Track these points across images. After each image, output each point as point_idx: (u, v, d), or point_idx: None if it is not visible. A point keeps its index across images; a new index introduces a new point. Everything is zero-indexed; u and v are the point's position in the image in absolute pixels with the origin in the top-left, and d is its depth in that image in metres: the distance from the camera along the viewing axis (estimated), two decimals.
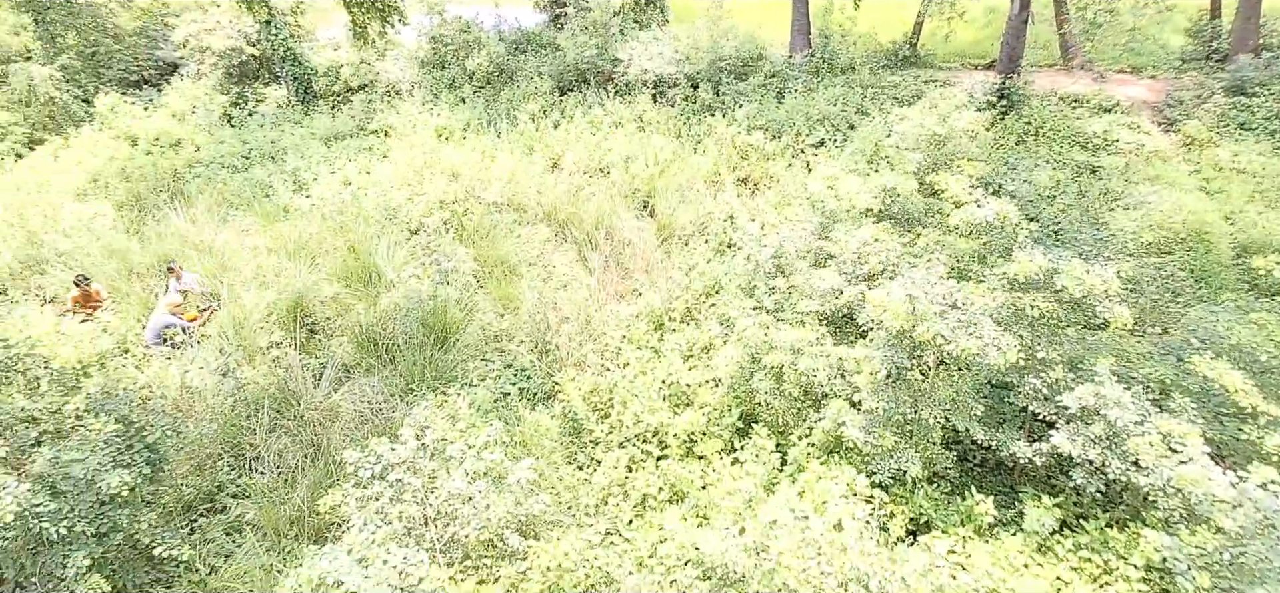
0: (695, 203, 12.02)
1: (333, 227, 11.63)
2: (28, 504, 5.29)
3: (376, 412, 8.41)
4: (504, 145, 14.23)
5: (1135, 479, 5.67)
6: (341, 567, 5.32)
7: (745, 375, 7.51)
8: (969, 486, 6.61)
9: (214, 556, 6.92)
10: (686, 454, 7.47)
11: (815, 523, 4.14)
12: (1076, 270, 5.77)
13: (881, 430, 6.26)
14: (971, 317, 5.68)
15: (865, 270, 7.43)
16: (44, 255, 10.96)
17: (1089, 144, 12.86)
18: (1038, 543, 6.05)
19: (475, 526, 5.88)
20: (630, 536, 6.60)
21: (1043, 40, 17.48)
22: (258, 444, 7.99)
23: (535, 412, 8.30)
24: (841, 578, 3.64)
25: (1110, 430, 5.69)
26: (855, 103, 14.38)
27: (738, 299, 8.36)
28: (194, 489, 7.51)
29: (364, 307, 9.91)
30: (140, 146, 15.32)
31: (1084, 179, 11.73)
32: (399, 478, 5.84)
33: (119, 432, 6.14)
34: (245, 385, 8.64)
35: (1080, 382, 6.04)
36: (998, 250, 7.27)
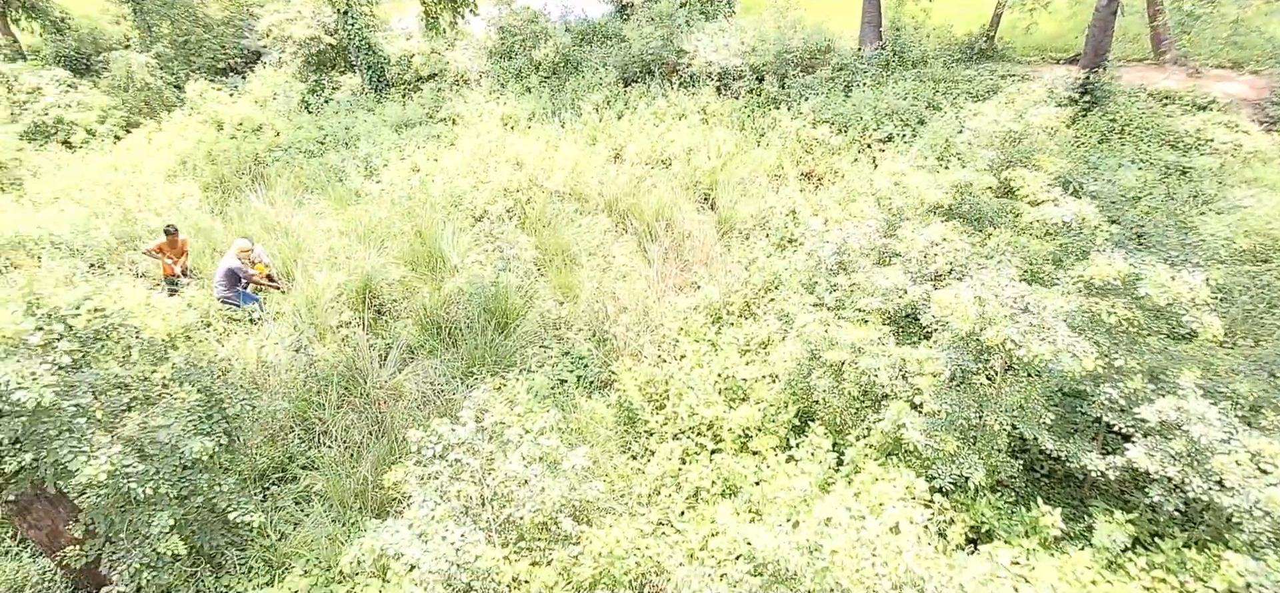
0: (757, 197, 11.90)
1: (401, 211, 11.98)
2: (119, 465, 5.66)
3: (438, 393, 8.65)
4: (568, 135, 14.37)
5: (1218, 500, 5.35)
6: (402, 540, 5.52)
7: (804, 372, 7.41)
8: (1035, 496, 6.36)
9: (284, 523, 7.26)
10: (741, 449, 7.42)
11: (871, 524, 4.06)
12: (1161, 276, 5.46)
13: (943, 434, 6.08)
14: (1044, 320, 5.44)
15: (932, 270, 7.22)
16: (137, 232, 11.67)
17: (1180, 144, 12.12)
18: (1108, 560, 5.78)
19: (530, 508, 6.00)
20: (682, 527, 6.61)
21: (1132, 33, 16.57)
22: (326, 419, 8.33)
23: (591, 400, 8.39)
24: (896, 581, 3.55)
25: (1192, 447, 5.38)
26: (926, 97, 13.93)
27: (798, 295, 8.24)
28: (267, 459, 7.89)
29: (429, 290, 10.19)
30: (225, 131, 16.13)
31: (1173, 181, 11.07)
32: (458, 458, 5.99)
33: (201, 401, 6.50)
34: (316, 362, 9.01)
35: (1161, 394, 5.73)
36: (1074, 253, 6.95)
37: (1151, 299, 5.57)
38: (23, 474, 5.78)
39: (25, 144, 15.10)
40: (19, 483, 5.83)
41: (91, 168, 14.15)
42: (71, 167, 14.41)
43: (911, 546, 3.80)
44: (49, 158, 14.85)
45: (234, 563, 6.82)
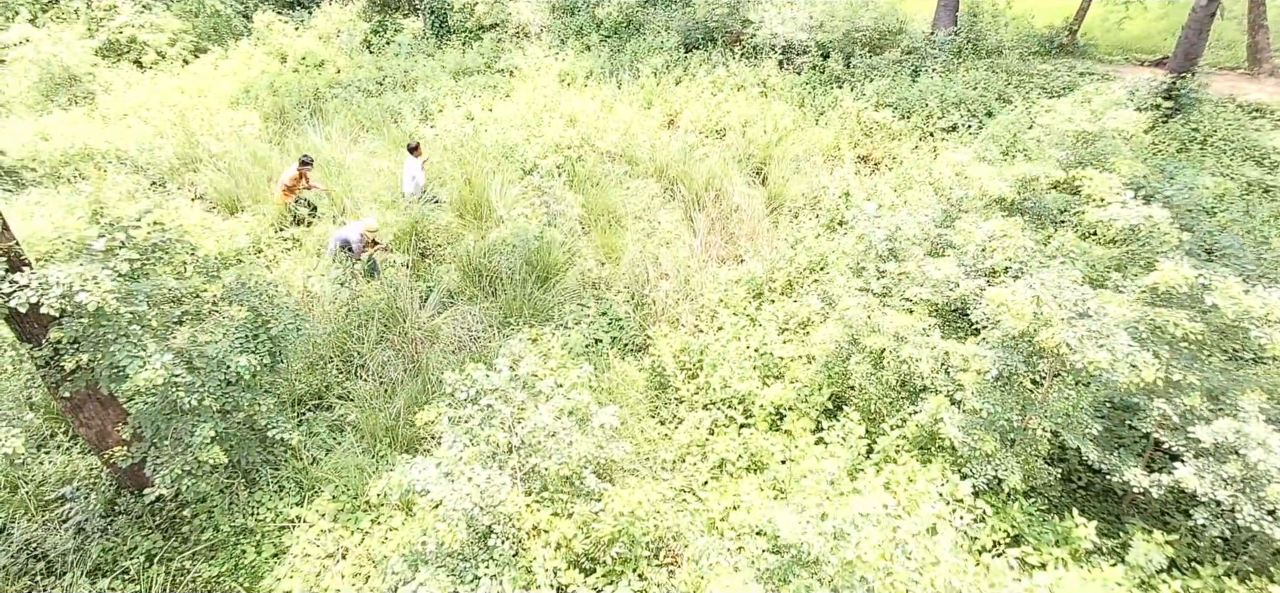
0: (810, 176, 11.64)
1: (453, 158, 12.07)
2: (170, 374, 5.86)
3: (474, 339, 8.75)
4: (624, 97, 14.25)
5: (1270, 531, 5.10)
6: (429, 477, 5.62)
7: (842, 355, 7.26)
8: (1069, 507, 6.16)
9: (317, 448, 7.47)
10: (771, 427, 7.35)
11: (906, 524, 3.96)
12: (1233, 289, 5.16)
13: (982, 434, 5.91)
14: (1105, 327, 5.20)
15: (987, 265, 6.97)
16: (198, 155, 12.00)
17: (1266, 160, 11.43)
18: (1141, 579, 5.58)
19: (557, 460, 6.04)
20: (704, 496, 6.60)
21: (1228, 39, 15.62)
22: (364, 353, 8.51)
23: (624, 362, 8.39)
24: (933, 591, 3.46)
25: (1248, 472, 5.12)
26: (997, 89, 13.38)
27: (844, 277, 8.05)
28: (305, 385, 8.11)
29: (473, 238, 10.27)
30: (288, 64, 16.41)
31: (1254, 198, 10.47)
32: (490, 404, 6.05)
33: (249, 320, 6.68)
34: (359, 296, 9.19)
35: (1219, 415, 5.46)
36: (1140, 262, 6.63)
37: (1220, 313, 5.28)
38: (79, 374, 6.05)
39: (99, 60, 15.61)
40: (75, 382, 6.10)
41: (159, 89, 14.56)
42: (141, 86, 14.86)
43: (949, 554, 3.69)
44: (120, 75, 15.34)
45: (268, 480, 7.05)
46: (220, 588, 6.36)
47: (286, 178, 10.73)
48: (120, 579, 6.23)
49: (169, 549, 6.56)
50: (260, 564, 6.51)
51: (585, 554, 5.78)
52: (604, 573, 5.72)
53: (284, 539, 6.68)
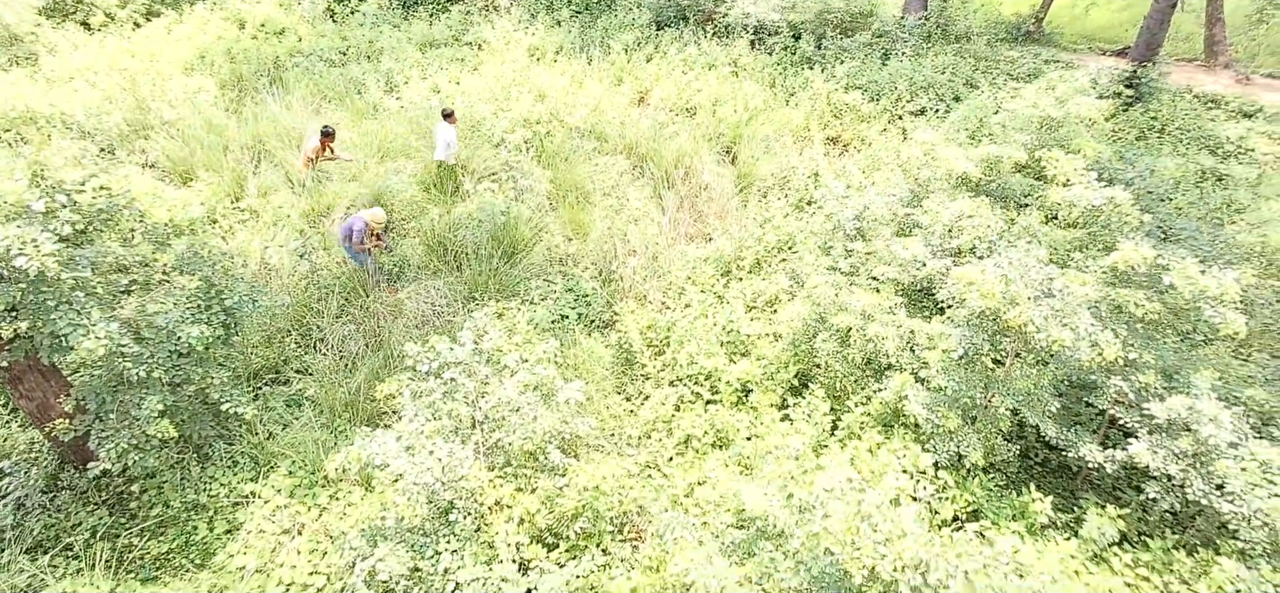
0: (780, 155, 11.62)
1: (418, 131, 11.78)
2: (115, 344, 5.62)
3: (438, 314, 8.59)
4: (594, 73, 14.04)
5: (1217, 505, 5.24)
6: (389, 450, 5.50)
7: (809, 333, 7.28)
8: (1027, 482, 6.28)
9: (273, 422, 7.27)
10: (737, 403, 7.34)
11: (871, 496, 3.96)
12: (1189, 269, 5.27)
13: (946, 411, 5.97)
14: (1068, 306, 5.26)
15: (954, 245, 7.02)
16: (150, 122, 11.52)
17: (1219, 149, 11.74)
18: (1093, 552, 5.71)
19: (521, 435, 5.95)
20: (669, 472, 6.57)
21: (1186, 32, 15.97)
22: (324, 327, 8.29)
23: (591, 338, 8.31)
24: (898, 563, 3.46)
25: (1199, 447, 5.25)
26: (965, 75, 13.49)
27: (813, 256, 8.06)
28: (262, 359, 7.88)
29: (439, 212, 10.06)
30: (247, 31, 15.82)
31: (1207, 186, 10.74)
32: (453, 377, 5.93)
33: (201, 290, 6.44)
34: (319, 270, 8.94)
35: (1173, 393, 5.58)
36: (1100, 244, 6.74)
37: (1176, 293, 5.38)
38: (18, 343, 5.77)
39: (43, 20, 14.86)
40: (14, 352, 5.82)
41: (108, 52, 13.91)
42: (88, 48, 14.20)
43: (914, 525, 3.70)
44: (66, 36, 14.63)
45: (221, 454, 6.85)
46: (170, 565, 6.17)
47: (308, 148, 10.32)
48: (63, 556, 6.00)
49: (115, 526, 6.33)
50: (212, 541, 6.33)
51: (548, 529, 5.72)
52: (567, 548, 5.67)
53: (238, 515, 6.50)
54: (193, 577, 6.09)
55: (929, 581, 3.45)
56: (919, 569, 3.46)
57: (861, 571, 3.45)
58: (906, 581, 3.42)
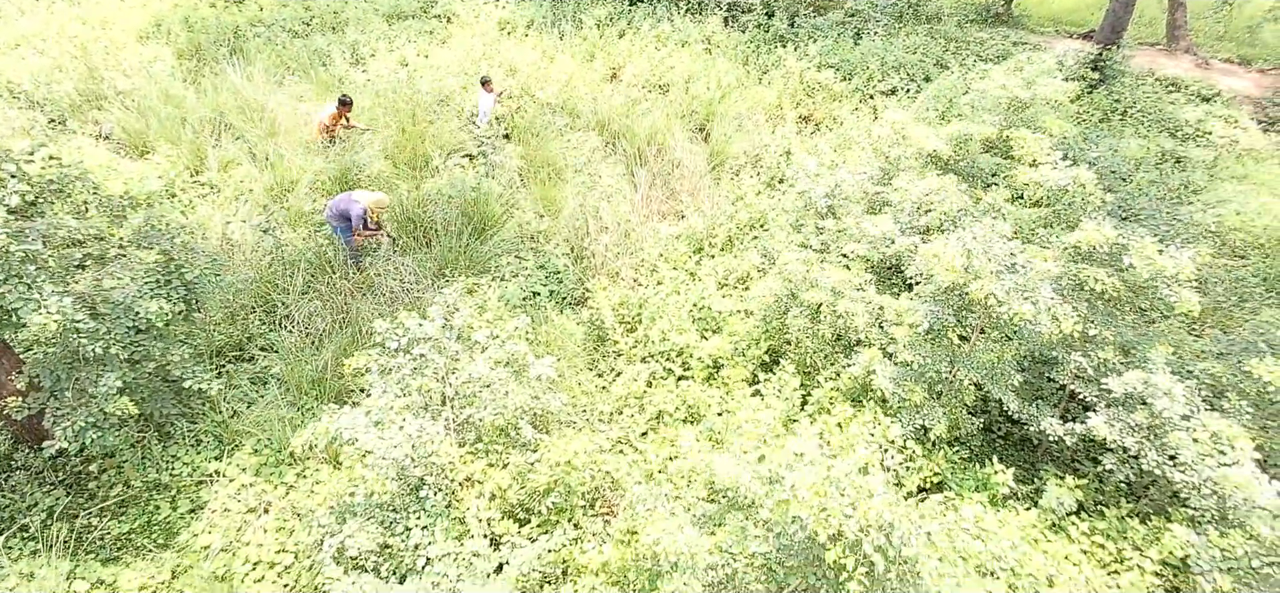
0: (753, 134, 11.64)
1: (385, 105, 11.55)
2: (69, 320, 5.44)
3: (407, 291, 8.46)
4: (566, 48, 13.88)
5: (1170, 474, 5.42)
6: (357, 426, 5.42)
7: (780, 309, 7.33)
8: (990, 455, 6.43)
9: (238, 400, 7.12)
10: (709, 379, 7.38)
11: (840, 464, 4.03)
12: (1148, 249, 5.40)
13: (912, 385, 6.07)
14: (1030, 281, 5.37)
15: (922, 222, 7.11)
16: (103, 91, 11.11)
17: (1179, 132, 12.04)
18: (1052, 522, 5.89)
19: (492, 411, 5.92)
20: (641, 447, 6.60)
21: (1148, 16, 16.29)
22: (289, 304, 8.12)
23: (562, 315, 8.27)
24: (863, 524, 3.52)
25: (1153, 420, 5.42)
26: (935, 55, 13.63)
27: (784, 233, 8.11)
28: (225, 336, 7.70)
29: (407, 188, 9.89)
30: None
31: (1166, 168, 11.02)
32: (423, 353, 5.86)
33: (160, 263, 6.25)
34: (283, 246, 8.74)
35: (1130, 368, 5.75)
36: (1064, 222, 6.88)
37: (1135, 272, 5.52)
38: None
39: None
40: None
41: (57, 18, 13.36)
42: (35, 13, 13.61)
43: (881, 489, 3.76)
44: (12, 1, 14.02)
45: (183, 433, 6.70)
46: (132, 545, 6.04)
47: (324, 116, 10.25)
48: (18, 537, 5.83)
49: (73, 506, 6.17)
50: (175, 520, 6.20)
51: (520, 505, 5.71)
52: (539, 523, 5.67)
53: (202, 494, 6.38)
54: (155, 557, 5.97)
55: (893, 540, 3.53)
56: (883, 530, 3.53)
57: (828, 532, 3.51)
58: (871, 541, 3.49)
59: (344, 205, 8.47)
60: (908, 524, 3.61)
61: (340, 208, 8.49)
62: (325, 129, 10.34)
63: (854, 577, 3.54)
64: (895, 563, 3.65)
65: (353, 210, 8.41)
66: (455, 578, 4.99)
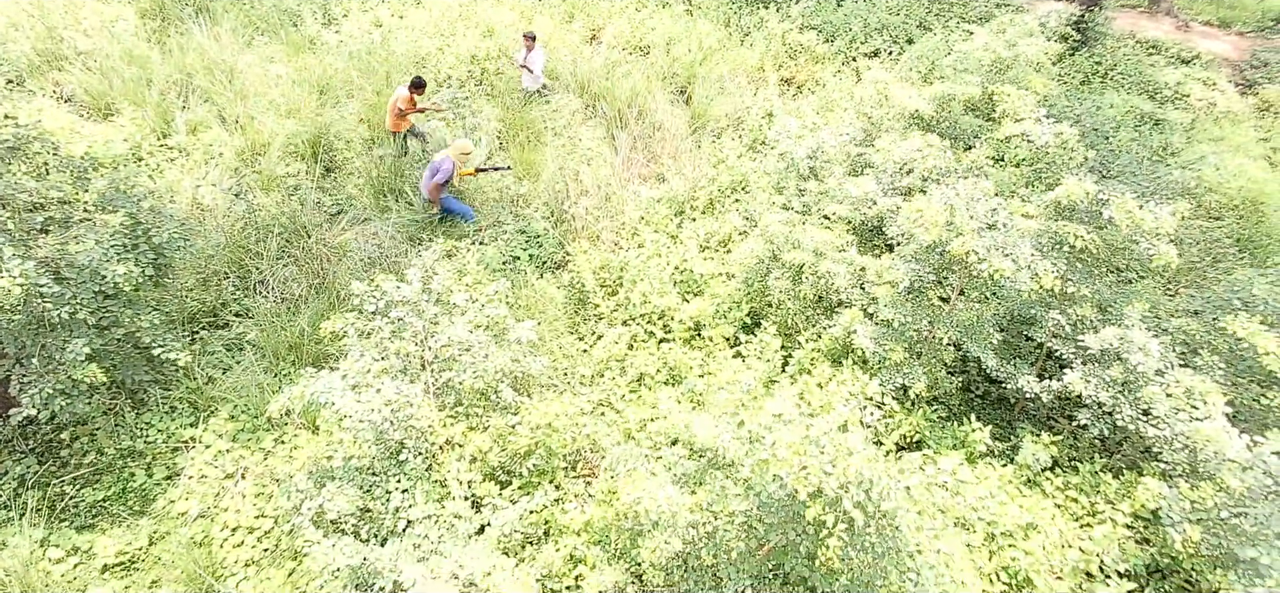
0: (734, 96, 11.51)
1: (360, 67, 11.27)
2: (31, 283, 5.28)
3: (385, 255, 8.33)
4: (544, 8, 13.59)
5: (1143, 429, 5.51)
6: (334, 389, 5.34)
7: (762, 271, 7.30)
8: (967, 414, 6.49)
9: (213, 367, 7.00)
10: (690, 341, 7.37)
11: (820, 423, 4.03)
12: (1128, 204, 5.42)
13: (892, 344, 6.09)
14: (1011, 239, 5.38)
15: (905, 183, 7.09)
16: (63, 52, 10.72)
17: (1158, 95, 12.08)
18: (1028, 477, 5.98)
19: (472, 374, 5.86)
20: (622, 409, 6.58)
21: None
22: (263, 270, 7.97)
23: (543, 279, 8.19)
24: (843, 480, 3.53)
25: (1128, 375, 5.49)
26: (918, 17, 13.50)
27: (766, 195, 8.06)
28: (198, 302, 7.54)
29: (385, 150, 9.70)
30: None
31: (1145, 130, 11.07)
32: (401, 316, 5.77)
33: (126, 226, 6.08)
34: (257, 210, 8.55)
35: (1107, 324, 5.80)
36: (1046, 182, 6.89)
37: (1115, 227, 5.54)
38: None
39: None
40: None
41: None
42: None
43: (861, 446, 3.77)
44: None
45: (157, 400, 6.58)
46: (107, 512, 5.95)
47: (399, 101, 9.49)
48: None
49: (45, 474, 6.06)
50: (151, 487, 6.12)
51: (501, 467, 5.68)
52: (520, 485, 5.65)
53: (177, 461, 6.29)
54: (132, 524, 5.89)
55: (872, 496, 3.54)
56: (863, 486, 3.54)
57: (808, 489, 3.51)
58: (851, 497, 3.50)
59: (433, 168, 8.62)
60: (887, 480, 3.62)
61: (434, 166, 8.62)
62: (401, 115, 9.65)
63: (834, 533, 3.55)
64: (875, 518, 3.67)
65: (442, 167, 8.56)
66: (437, 539, 4.97)
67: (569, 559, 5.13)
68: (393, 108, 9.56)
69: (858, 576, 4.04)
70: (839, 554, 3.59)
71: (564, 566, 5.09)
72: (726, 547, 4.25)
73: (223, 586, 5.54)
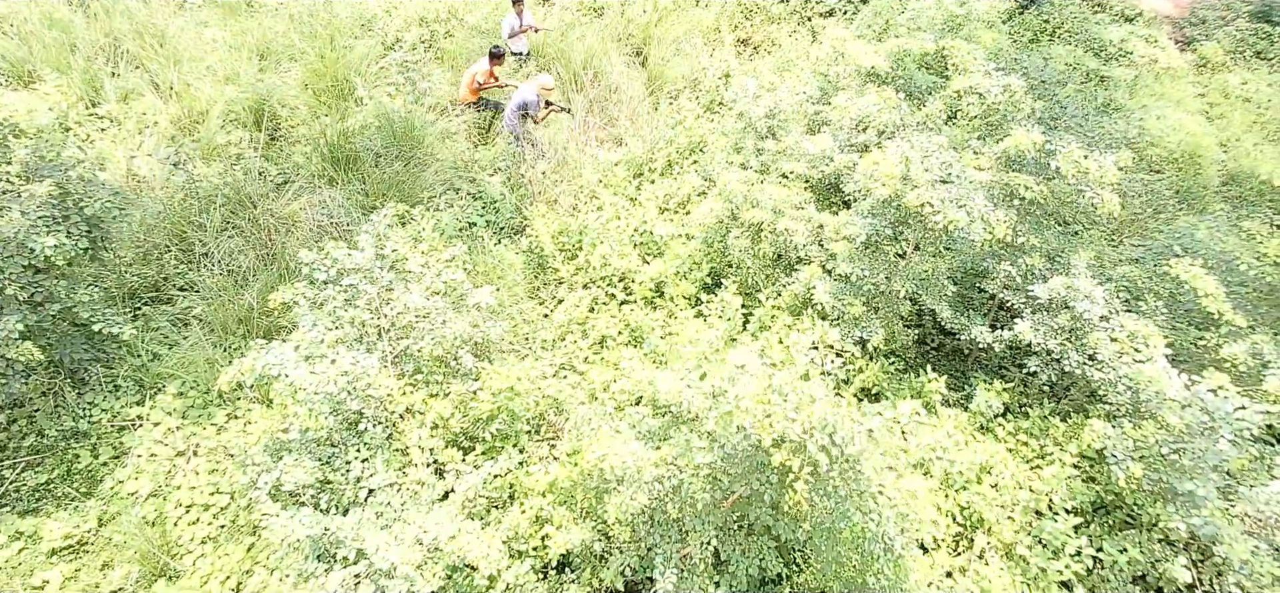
0: (691, 57, 11.40)
1: (301, 29, 10.81)
2: None
3: (335, 224, 8.09)
4: None
5: (1089, 373, 5.71)
6: (287, 361, 5.19)
7: (722, 231, 7.31)
8: (923, 366, 6.64)
9: (158, 343, 6.75)
10: (651, 303, 7.36)
11: (781, 374, 4.06)
12: (1075, 153, 5.56)
13: (850, 298, 6.17)
14: (965, 193, 5.47)
15: (861, 140, 7.14)
16: None
17: (1103, 52, 12.37)
18: (981, 423, 6.17)
19: (430, 341, 5.75)
20: (584, 370, 6.56)
21: None
22: (208, 241, 7.66)
23: (501, 245, 8.07)
24: (807, 426, 3.57)
25: (1075, 322, 5.67)
26: None
27: (724, 155, 8.04)
28: (138, 277, 7.23)
29: (331, 118, 9.37)
30: None
31: (1090, 86, 11.35)
32: (353, 283, 5.62)
33: (55, 197, 5.77)
34: (197, 181, 8.20)
35: (1056, 273, 5.97)
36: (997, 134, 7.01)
37: (1062, 178, 5.68)
38: None
39: None
40: None
41: None
42: None
43: (823, 392, 3.82)
44: None
45: (99, 380, 6.31)
46: (52, 495, 5.72)
47: (479, 74, 9.52)
48: None
49: None
50: (97, 468, 5.90)
51: (463, 433, 5.62)
52: (484, 450, 5.60)
53: (125, 440, 6.06)
54: (79, 506, 5.68)
55: (836, 439, 3.60)
56: (826, 430, 3.59)
57: (772, 436, 3.55)
58: (815, 441, 3.55)
59: (521, 97, 8.95)
60: (849, 424, 3.68)
61: (520, 101, 8.94)
62: (479, 89, 9.63)
63: (800, 477, 3.60)
64: (838, 462, 3.73)
65: (528, 99, 8.87)
66: (400, 506, 4.90)
67: (535, 521, 5.12)
68: (471, 81, 9.62)
69: (821, 521, 4.12)
70: (805, 499, 3.65)
71: (530, 527, 5.08)
72: (692, 500, 4.28)
73: (179, 564, 5.39)
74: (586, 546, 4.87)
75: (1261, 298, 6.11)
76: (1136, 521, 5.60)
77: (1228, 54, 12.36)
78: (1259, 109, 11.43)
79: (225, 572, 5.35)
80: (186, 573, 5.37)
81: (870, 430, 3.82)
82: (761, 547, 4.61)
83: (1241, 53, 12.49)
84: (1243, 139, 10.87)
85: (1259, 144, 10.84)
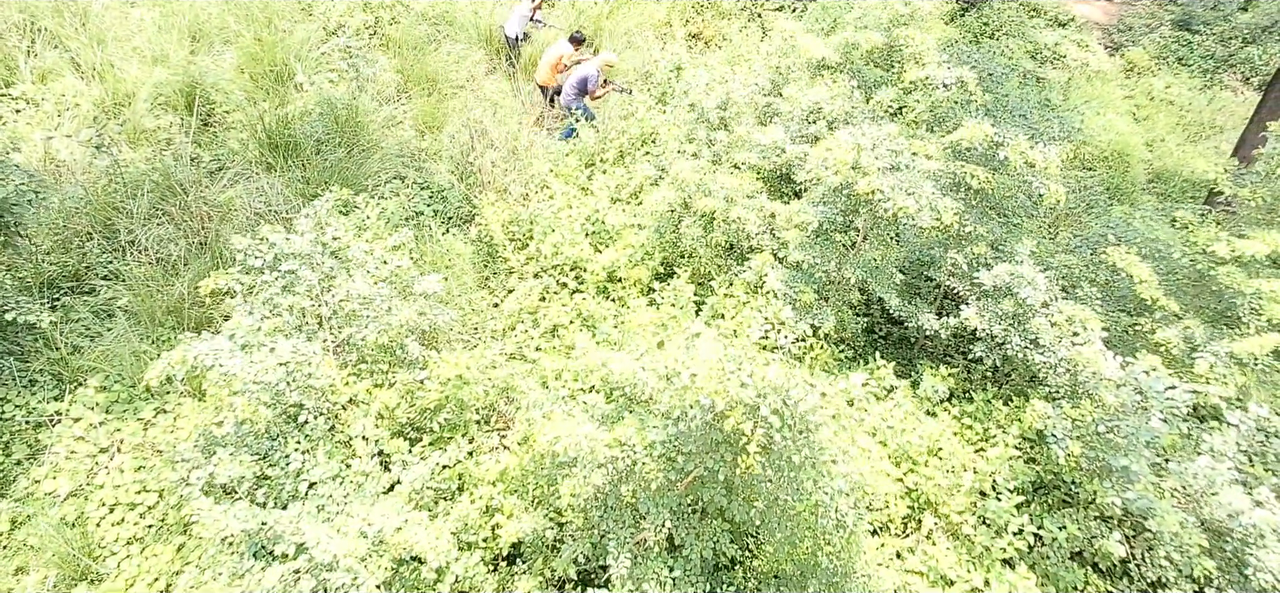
0: (642, 50, 11.38)
1: (237, 11, 10.37)
2: None
3: (274, 213, 7.76)
4: None
5: (1030, 357, 5.87)
6: (220, 351, 4.92)
7: (674, 220, 7.28)
8: (872, 354, 6.74)
9: (78, 335, 6.35)
10: (603, 292, 7.28)
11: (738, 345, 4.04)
12: (1021, 143, 5.71)
13: (802, 286, 6.21)
14: (914, 181, 5.56)
15: (811, 131, 7.20)
16: None
17: (1038, 55, 12.86)
18: (927, 409, 6.28)
19: (375, 329, 5.54)
20: (536, 358, 6.44)
21: None
22: (135, 229, 7.26)
23: (449, 234, 7.87)
24: (760, 389, 3.55)
25: (1018, 308, 5.82)
26: None
27: (676, 145, 8.02)
28: (57, 266, 6.79)
29: (269, 104, 9.00)
30: None
31: (1026, 86, 11.76)
32: (292, 268, 5.37)
33: None
34: (123, 166, 7.76)
35: (1000, 261, 6.12)
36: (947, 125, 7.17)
37: (1009, 167, 5.82)
38: None
39: None
40: None
41: None
42: None
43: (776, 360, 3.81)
44: None
45: (12, 373, 5.90)
46: None
47: (564, 56, 9.94)
48: None
49: None
50: (10, 467, 5.50)
51: (410, 423, 5.44)
52: (431, 440, 5.42)
53: (41, 438, 5.67)
54: None
55: (788, 402, 3.58)
56: (779, 393, 3.58)
57: (726, 401, 3.52)
58: (768, 404, 3.53)
59: (582, 73, 9.38)
60: (803, 386, 3.67)
61: (580, 76, 9.36)
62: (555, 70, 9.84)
63: (753, 439, 3.58)
64: (791, 426, 3.72)
65: (589, 75, 9.29)
66: (343, 499, 4.70)
67: (485, 511, 4.98)
68: (556, 64, 9.85)
69: (774, 496, 4.10)
70: (758, 463, 3.63)
71: (480, 518, 4.94)
72: (646, 481, 4.22)
73: (102, 566, 5.06)
74: (538, 534, 4.76)
75: (1192, 284, 6.39)
76: (1075, 499, 5.78)
77: (1152, 59, 13.00)
78: (1181, 111, 12.05)
79: (153, 573, 5.05)
80: (111, 576, 5.04)
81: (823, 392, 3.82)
82: (715, 530, 4.58)
83: (1165, 58, 13.15)
84: (1166, 139, 11.45)
85: (1181, 144, 11.43)
